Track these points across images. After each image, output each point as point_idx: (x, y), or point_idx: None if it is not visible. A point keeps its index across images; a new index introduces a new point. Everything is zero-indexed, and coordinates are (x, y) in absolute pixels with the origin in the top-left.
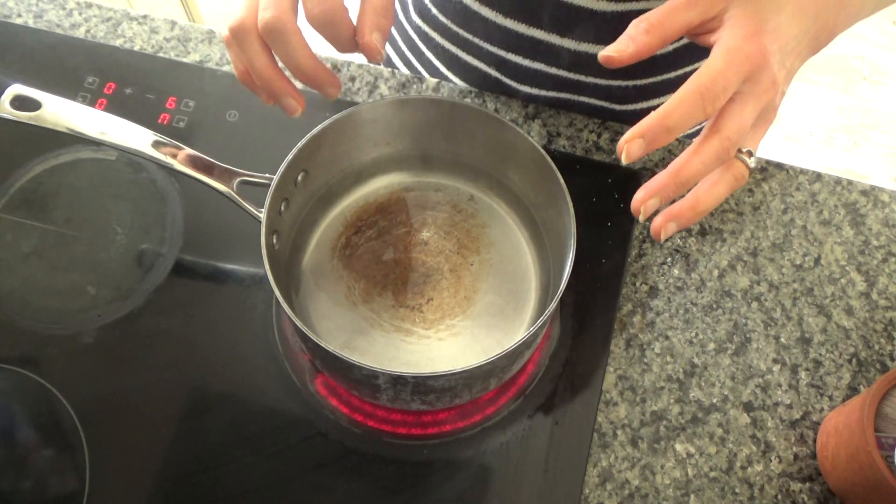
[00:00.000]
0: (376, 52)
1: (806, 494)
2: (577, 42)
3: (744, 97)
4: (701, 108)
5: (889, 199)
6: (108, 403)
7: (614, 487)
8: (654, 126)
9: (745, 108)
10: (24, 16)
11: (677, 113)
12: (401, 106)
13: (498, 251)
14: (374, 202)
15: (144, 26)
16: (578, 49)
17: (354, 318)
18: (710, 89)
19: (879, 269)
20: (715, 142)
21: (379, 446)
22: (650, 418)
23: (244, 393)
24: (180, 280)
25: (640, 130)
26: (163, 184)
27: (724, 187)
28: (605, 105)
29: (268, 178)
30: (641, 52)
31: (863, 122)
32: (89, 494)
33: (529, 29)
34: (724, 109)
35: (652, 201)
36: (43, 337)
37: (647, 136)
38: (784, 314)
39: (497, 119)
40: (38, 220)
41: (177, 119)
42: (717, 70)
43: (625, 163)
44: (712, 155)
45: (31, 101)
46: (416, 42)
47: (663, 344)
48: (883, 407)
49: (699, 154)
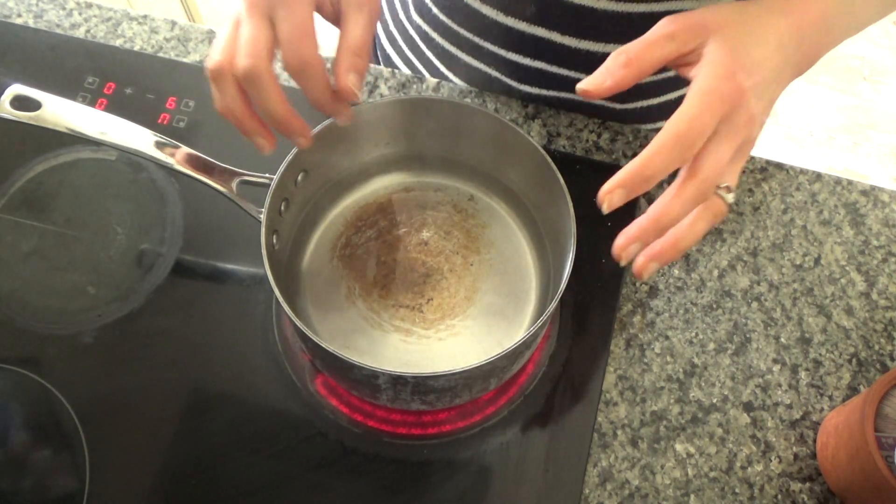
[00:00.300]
0: (353, 95)
1: (806, 494)
2: (578, 40)
3: (720, 137)
4: (679, 154)
5: (889, 199)
6: (108, 403)
7: (614, 487)
8: (634, 176)
9: (721, 147)
10: (24, 16)
11: (656, 161)
12: (401, 106)
13: (498, 251)
14: (374, 202)
15: (144, 26)
16: (579, 47)
17: (354, 318)
18: (688, 135)
19: (879, 269)
20: (694, 184)
21: (379, 446)
22: (650, 418)
23: (244, 393)
24: (180, 280)
25: (619, 181)
26: (163, 184)
27: (703, 224)
28: (605, 104)
29: (268, 178)
30: (619, 85)
31: (863, 122)
32: (89, 494)
33: (530, 27)
34: (701, 151)
35: (633, 246)
36: (43, 337)
37: (626, 185)
38: (784, 314)
39: (497, 119)
40: (38, 220)
41: (177, 119)
42: (694, 115)
43: (605, 212)
44: (691, 198)
45: (31, 101)
46: (417, 41)
47: (663, 344)
48: (883, 407)
49: (679, 198)
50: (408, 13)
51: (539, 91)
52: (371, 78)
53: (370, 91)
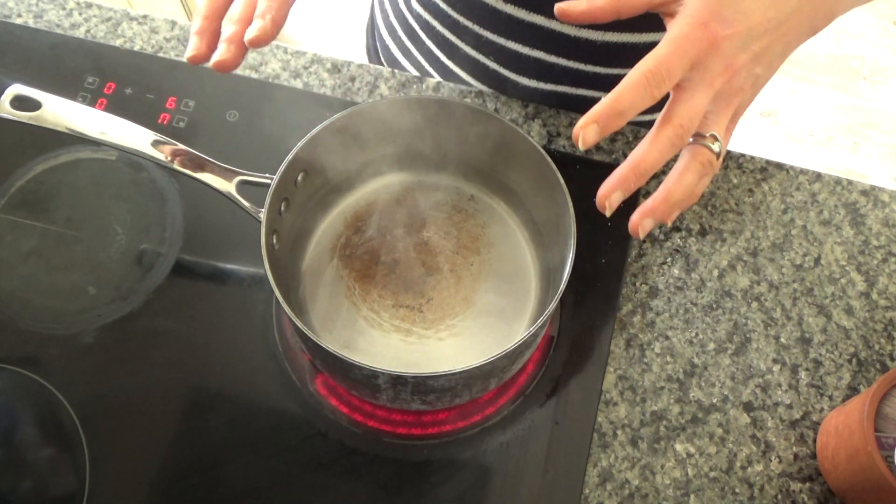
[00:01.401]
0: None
1: (806, 494)
2: (577, 28)
3: (693, 83)
4: (647, 91)
5: (889, 199)
6: (108, 403)
7: (614, 487)
8: (607, 110)
9: (695, 94)
10: (24, 16)
11: (626, 97)
12: (401, 106)
13: (498, 251)
14: (375, 202)
15: (144, 26)
16: (578, 35)
17: (354, 318)
18: (656, 73)
19: (879, 269)
20: (668, 130)
21: (379, 446)
22: (650, 418)
23: (244, 393)
24: (180, 280)
25: (593, 116)
26: (163, 184)
27: (692, 175)
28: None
29: (268, 178)
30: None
31: (863, 122)
32: (89, 494)
33: (530, 15)
34: (674, 97)
35: (616, 195)
36: (43, 337)
37: (600, 120)
38: (784, 314)
39: (497, 119)
40: (38, 220)
41: (177, 119)
42: (662, 56)
43: (582, 148)
44: (666, 142)
45: (31, 101)
46: (417, 31)
47: (663, 344)
48: (883, 407)
49: (654, 144)
50: (409, 3)
51: (537, 84)
52: (371, 78)
53: (370, 91)
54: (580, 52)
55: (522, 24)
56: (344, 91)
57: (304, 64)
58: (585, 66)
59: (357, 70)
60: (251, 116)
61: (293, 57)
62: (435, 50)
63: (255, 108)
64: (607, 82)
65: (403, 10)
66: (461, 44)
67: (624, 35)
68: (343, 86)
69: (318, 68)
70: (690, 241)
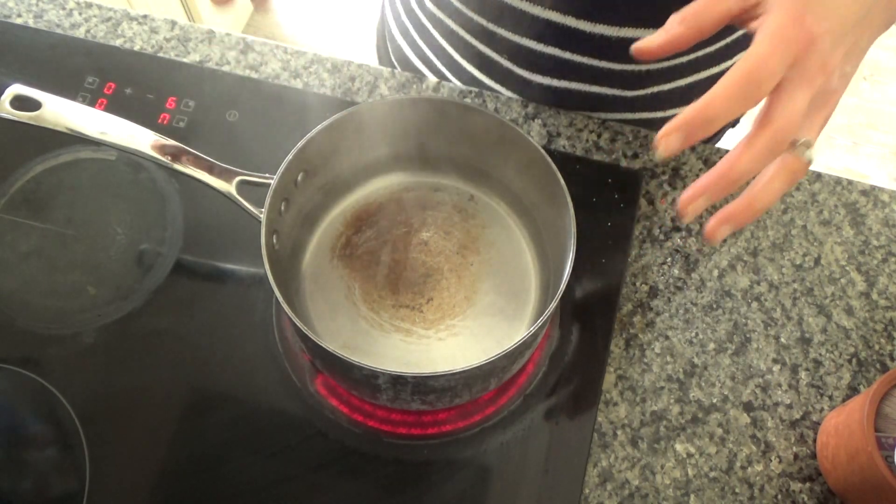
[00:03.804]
0: None
1: (806, 494)
2: (593, 24)
3: (792, 83)
4: (745, 96)
5: (889, 199)
6: (108, 403)
7: (614, 487)
8: (695, 117)
9: (795, 94)
10: (24, 16)
11: (719, 101)
12: (401, 106)
13: (498, 251)
14: (374, 202)
15: (144, 26)
16: (593, 31)
17: (354, 318)
18: (755, 75)
19: (879, 269)
20: (766, 134)
21: (379, 446)
22: (650, 418)
23: (244, 393)
24: (180, 280)
25: (678, 123)
26: (163, 184)
27: (780, 183)
28: (615, 93)
29: (268, 178)
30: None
31: (863, 122)
32: (89, 494)
33: (545, 11)
34: (773, 99)
35: (701, 201)
36: (43, 337)
37: (685, 129)
38: (784, 314)
39: (497, 119)
40: (38, 220)
41: (177, 119)
42: (762, 55)
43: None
44: (764, 149)
45: (31, 101)
46: (430, 29)
47: (663, 344)
48: (883, 407)
49: (750, 149)
50: (421, 2)
51: (550, 81)
52: (371, 78)
53: (370, 91)
54: (594, 48)
55: (536, 20)
56: (344, 91)
57: (304, 64)
58: (600, 63)
59: (357, 70)
60: (251, 116)
61: (293, 57)
62: (448, 48)
63: (255, 108)
64: (622, 79)
65: (416, 9)
66: (474, 41)
67: (639, 30)
68: (343, 86)
69: (318, 68)
70: (690, 241)
